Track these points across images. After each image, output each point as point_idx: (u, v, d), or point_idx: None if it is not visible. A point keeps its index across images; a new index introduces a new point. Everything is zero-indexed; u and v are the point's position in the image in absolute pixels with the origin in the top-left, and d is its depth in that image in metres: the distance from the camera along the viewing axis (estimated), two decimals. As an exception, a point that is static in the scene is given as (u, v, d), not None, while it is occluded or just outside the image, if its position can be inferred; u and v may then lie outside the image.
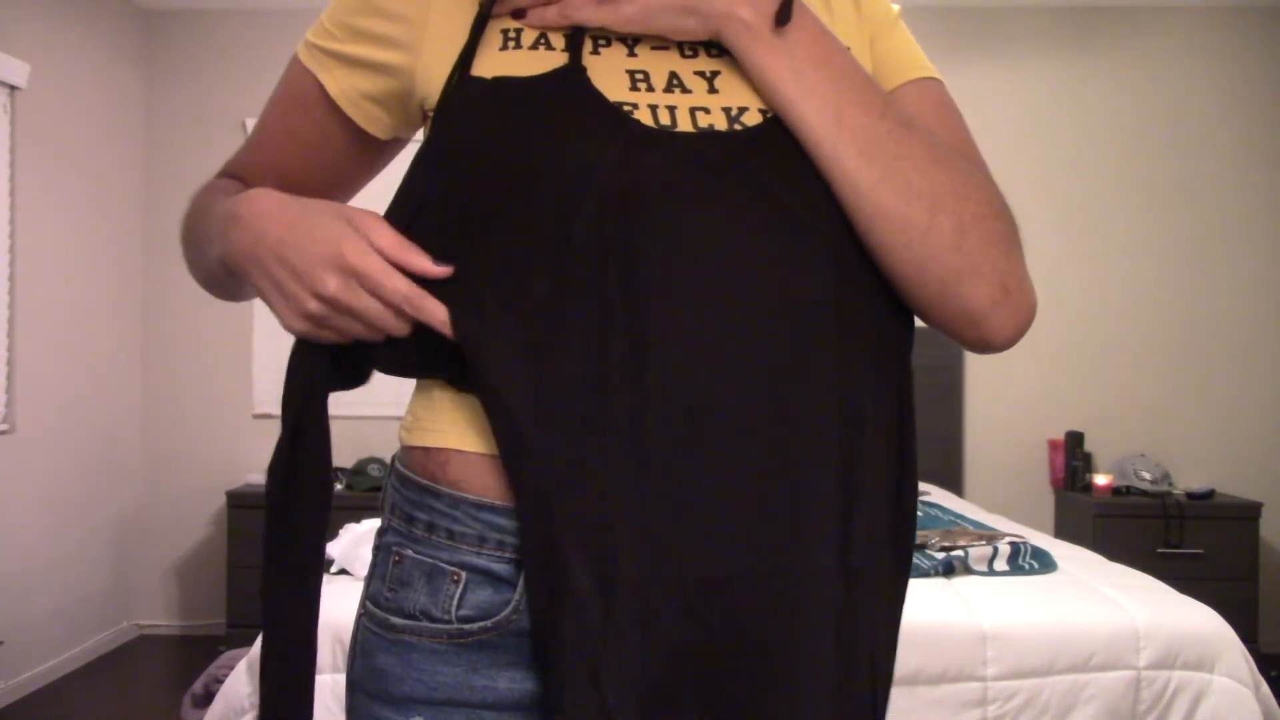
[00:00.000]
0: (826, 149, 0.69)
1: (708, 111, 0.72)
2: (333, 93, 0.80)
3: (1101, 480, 3.93)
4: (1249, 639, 2.96)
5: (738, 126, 0.72)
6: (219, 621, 3.99)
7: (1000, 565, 2.39)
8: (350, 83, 0.80)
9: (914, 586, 2.12)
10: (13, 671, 3.43)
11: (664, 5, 0.71)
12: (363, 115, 0.81)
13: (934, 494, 3.68)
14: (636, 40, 0.75)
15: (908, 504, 0.75)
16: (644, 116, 0.71)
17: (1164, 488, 3.93)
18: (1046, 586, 2.28)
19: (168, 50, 4.30)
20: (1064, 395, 4.20)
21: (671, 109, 0.71)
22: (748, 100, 0.73)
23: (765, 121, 0.72)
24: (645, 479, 0.66)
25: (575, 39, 0.73)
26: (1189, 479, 4.08)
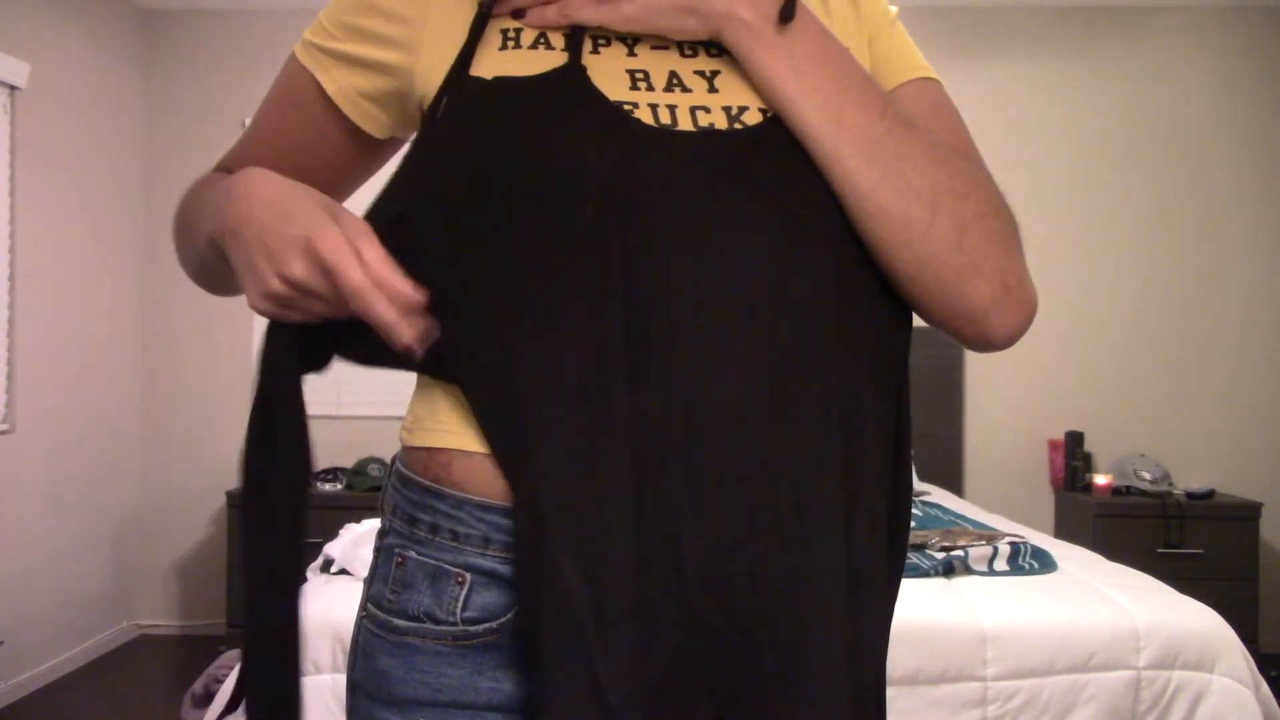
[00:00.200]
0: (827, 148, 0.69)
1: (708, 111, 0.72)
2: (330, 91, 0.80)
3: (1101, 480, 3.93)
4: (1249, 639, 2.95)
5: (738, 126, 0.72)
6: (219, 621, 3.99)
7: (1000, 565, 2.38)
8: (348, 81, 0.79)
9: (914, 586, 2.16)
10: (13, 671, 3.43)
11: (664, 5, 0.71)
12: (360, 114, 0.81)
13: (934, 494, 3.68)
14: (636, 40, 0.74)
15: (903, 503, 0.75)
16: (644, 116, 0.70)
17: (1164, 488, 3.93)
18: (1046, 586, 2.28)
19: (168, 50, 4.30)
20: (1064, 395, 4.20)
21: (672, 108, 0.71)
22: (748, 99, 0.73)
23: (765, 121, 0.72)
24: (645, 478, 0.66)
25: (575, 38, 0.73)
26: (1189, 479, 4.08)
